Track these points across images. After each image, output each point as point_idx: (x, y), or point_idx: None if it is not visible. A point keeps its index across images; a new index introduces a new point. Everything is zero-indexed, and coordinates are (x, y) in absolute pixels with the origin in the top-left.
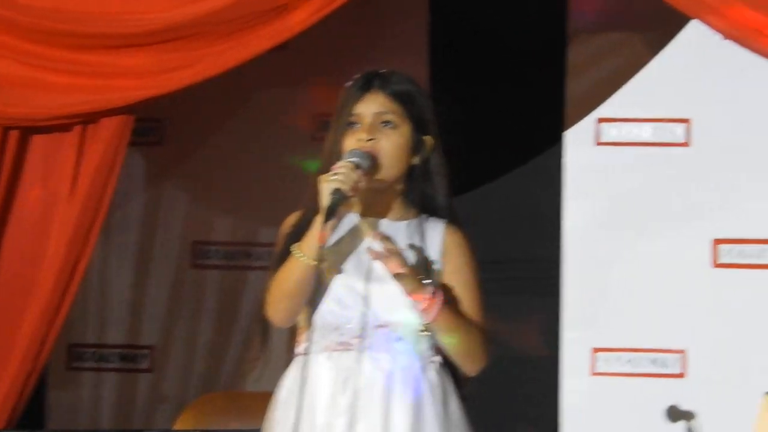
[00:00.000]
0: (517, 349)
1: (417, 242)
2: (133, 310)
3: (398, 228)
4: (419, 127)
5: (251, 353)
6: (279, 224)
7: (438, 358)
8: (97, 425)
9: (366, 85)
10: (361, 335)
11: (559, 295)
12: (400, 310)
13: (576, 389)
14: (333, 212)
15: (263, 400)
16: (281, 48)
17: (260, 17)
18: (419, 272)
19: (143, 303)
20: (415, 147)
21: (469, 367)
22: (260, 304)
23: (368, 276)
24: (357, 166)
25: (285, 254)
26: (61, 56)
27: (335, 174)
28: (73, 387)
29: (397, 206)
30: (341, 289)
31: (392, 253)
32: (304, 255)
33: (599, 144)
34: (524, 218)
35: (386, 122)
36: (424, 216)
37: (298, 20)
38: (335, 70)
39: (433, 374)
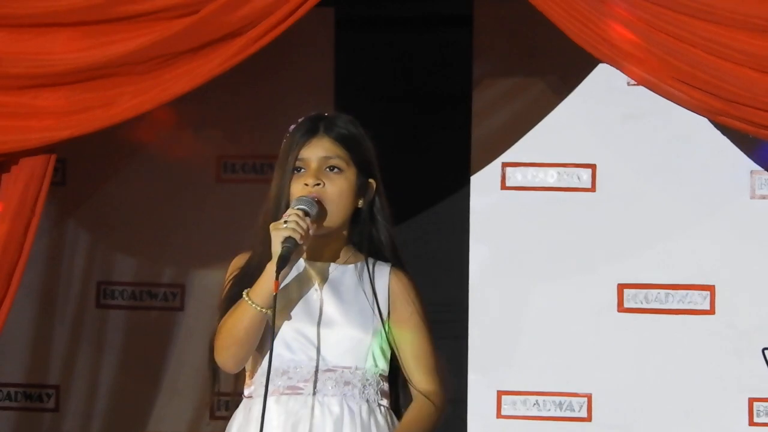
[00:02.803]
0: None
1: (364, 286)
2: (38, 350)
3: (346, 271)
4: (364, 170)
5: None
6: (182, 265)
7: (385, 402)
8: None
9: (311, 130)
10: (309, 379)
11: (466, 337)
12: (349, 354)
13: None
14: (286, 261)
15: None
16: None
17: (176, 60)
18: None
19: (48, 342)
20: (360, 190)
21: None
22: (209, 347)
23: (317, 320)
24: (306, 214)
25: (233, 297)
26: None
27: (285, 222)
28: None
29: (343, 250)
30: (289, 333)
31: None
32: (254, 302)
33: (504, 188)
34: (431, 262)
35: (332, 167)
36: (370, 259)
37: (216, 64)
38: (240, 111)
39: (380, 417)
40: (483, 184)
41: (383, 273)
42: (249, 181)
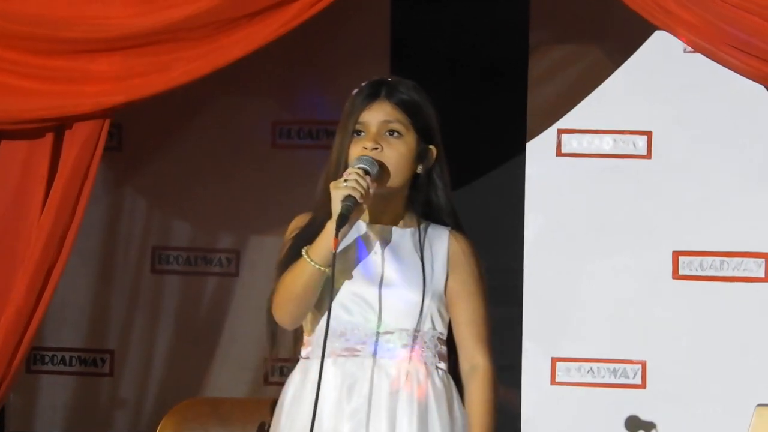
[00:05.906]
0: None
1: (422, 250)
2: (93, 314)
3: (404, 235)
4: (424, 136)
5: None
6: (237, 230)
7: (443, 365)
8: (56, 429)
9: (372, 94)
10: (367, 341)
11: (521, 305)
12: (407, 316)
13: (536, 399)
14: (345, 219)
15: (243, 405)
16: None
17: (233, 25)
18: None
19: (103, 307)
20: (420, 156)
21: None
22: (267, 306)
23: (375, 282)
24: (366, 173)
25: (293, 256)
26: (31, 61)
27: (346, 181)
28: (33, 390)
29: (402, 214)
30: (347, 295)
31: None
32: (313, 260)
33: (560, 155)
34: (486, 229)
35: (392, 131)
36: (427, 223)
37: (272, 29)
38: (295, 77)
39: (438, 380)
40: (538, 150)
41: (442, 236)
42: (304, 147)
